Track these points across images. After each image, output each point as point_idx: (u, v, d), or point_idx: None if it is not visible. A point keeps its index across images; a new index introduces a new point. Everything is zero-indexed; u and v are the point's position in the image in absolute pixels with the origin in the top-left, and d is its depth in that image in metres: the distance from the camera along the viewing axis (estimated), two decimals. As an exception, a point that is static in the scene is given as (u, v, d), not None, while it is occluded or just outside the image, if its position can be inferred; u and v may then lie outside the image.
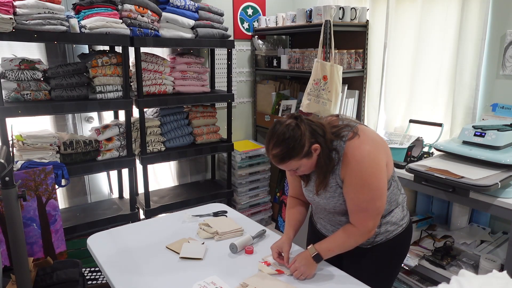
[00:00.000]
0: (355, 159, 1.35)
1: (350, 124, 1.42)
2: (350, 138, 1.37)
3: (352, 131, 1.38)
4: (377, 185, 1.37)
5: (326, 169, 1.39)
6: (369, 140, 1.38)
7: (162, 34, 2.60)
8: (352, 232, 1.43)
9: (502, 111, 2.24)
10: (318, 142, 1.36)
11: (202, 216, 1.99)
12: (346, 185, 1.39)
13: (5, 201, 1.55)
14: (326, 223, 1.60)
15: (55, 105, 2.26)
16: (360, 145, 1.36)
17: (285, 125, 1.35)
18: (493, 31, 2.25)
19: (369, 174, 1.35)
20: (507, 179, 1.80)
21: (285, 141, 1.33)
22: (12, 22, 1.99)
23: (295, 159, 1.35)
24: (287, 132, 1.34)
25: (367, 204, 1.38)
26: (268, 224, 3.57)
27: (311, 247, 1.47)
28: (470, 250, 2.18)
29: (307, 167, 1.40)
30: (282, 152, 1.34)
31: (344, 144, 1.37)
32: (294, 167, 1.39)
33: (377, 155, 1.38)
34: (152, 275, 1.48)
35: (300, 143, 1.34)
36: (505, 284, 0.94)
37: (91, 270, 2.45)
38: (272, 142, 1.36)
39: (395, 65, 2.74)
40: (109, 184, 3.05)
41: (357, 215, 1.41)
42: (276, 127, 1.37)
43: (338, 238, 1.46)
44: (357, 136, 1.37)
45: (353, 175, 1.36)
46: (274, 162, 1.39)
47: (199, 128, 2.99)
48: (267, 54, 3.42)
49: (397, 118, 2.79)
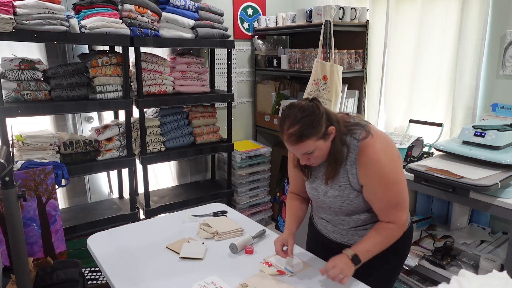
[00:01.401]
0: (373, 159, 1.34)
1: (361, 122, 1.42)
2: (364, 138, 1.36)
3: (364, 130, 1.38)
4: (400, 179, 1.38)
5: (338, 157, 1.37)
6: (381, 138, 1.38)
7: (162, 34, 2.60)
8: (390, 229, 1.40)
9: (502, 111, 2.24)
10: (333, 125, 1.35)
11: (202, 216, 1.99)
12: (370, 187, 1.38)
13: (5, 201, 1.55)
14: (327, 223, 1.58)
15: (55, 105, 2.26)
16: (375, 144, 1.35)
17: (301, 105, 1.32)
18: (493, 31, 2.25)
19: (391, 171, 1.35)
20: (507, 179, 1.80)
21: (304, 119, 1.29)
22: (12, 22, 1.99)
23: (312, 138, 1.31)
24: (306, 110, 1.30)
25: (397, 199, 1.38)
26: (268, 224, 3.57)
27: (347, 249, 1.39)
28: (470, 250, 2.18)
29: (322, 151, 1.36)
30: (301, 130, 1.29)
31: (358, 143, 1.36)
32: (310, 149, 1.33)
33: (391, 150, 1.39)
34: (152, 275, 1.48)
35: (319, 122, 1.31)
36: (505, 284, 0.94)
37: (91, 270, 2.45)
38: (289, 121, 1.31)
39: (395, 65, 2.74)
40: (109, 184, 3.05)
41: (391, 212, 1.39)
42: (292, 107, 1.33)
43: (375, 237, 1.41)
44: (370, 136, 1.36)
45: (376, 176, 1.35)
46: (290, 142, 1.33)
47: (199, 128, 2.99)
48: (267, 54, 3.42)
49: (397, 118, 2.80)
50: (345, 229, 1.52)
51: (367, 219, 1.48)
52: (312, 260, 1.59)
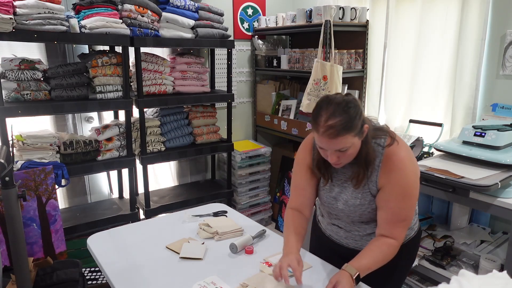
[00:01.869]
0: (398, 167, 1.28)
1: (384, 127, 1.36)
2: (389, 144, 1.31)
3: (389, 136, 1.32)
4: (416, 194, 1.33)
5: (370, 158, 1.30)
6: (406, 147, 1.33)
7: (162, 34, 2.60)
8: (391, 245, 1.32)
9: (502, 111, 2.24)
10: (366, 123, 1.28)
11: (202, 216, 1.99)
12: (387, 193, 1.31)
13: (5, 201, 1.55)
14: (339, 229, 1.51)
15: (55, 105, 2.26)
16: (401, 152, 1.30)
17: (342, 96, 1.24)
18: (493, 31, 2.25)
19: (412, 183, 1.30)
20: (507, 179, 1.80)
21: (348, 110, 1.20)
22: (12, 22, 1.99)
23: (352, 133, 1.21)
24: (350, 102, 1.21)
25: (406, 214, 1.33)
26: (268, 224, 3.57)
27: (349, 267, 1.28)
28: (470, 250, 2.18)
29: (355, 149, 1.27)
30: (343, 121, 1.19)
31: (383, 149, 1.31)
32: (347, 145, 1.23)
33: (416, 162, 1.34)
34: (152, 275, 1.48)
35: (360, 117, 1.23)
36: (505, 284, 0.94)
37: (91, 270, 2.45)
38: (330, 111, 1.20)
39: (395, 65, 2.74)
40: (109, 184, 3.05)
41: (395, 225, 1.32)
42: (331, 98, 1.24)
43: (376, 254, 1.32)
44: (396, 142, 1.31)
45: (397, 184, 1.29)
46: (327, 136, 1.21)
47: (199, 128, 2.99)
48: (267, 54, 3.42)
49: (397, 118, 2.79)
50: (360, 235, 1.47)
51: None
52: (312, 260, 1.59)
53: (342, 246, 1.54)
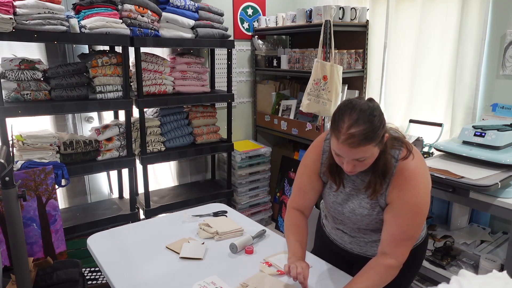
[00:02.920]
0: (411, 184, 1.21)
1: (400, 137, 1.28)
2: (404, 157, 1.23)
3: (405, 148, 1.25)
4: (426, 212, 1.26)
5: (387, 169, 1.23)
6: (421, 161, 1.26)
7: (162, 34, 2.60)
8: (390, 267, 1.25)
9: (502, 111, 2.24)
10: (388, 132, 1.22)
11: (202, 216, 1.99)
12: (396, 208, 1.25)
13: (5, 201, 1.55)
14: (344, 234, 1.48)
15: (55, 105, 2.26)
16: (416, 169, 1.22)
17: (366, 102, 1.16)
18: (493, 31, 2.25)
19: (423, 202, 1.24)
20: (507, 179, 1.80)
21: (373, 119, 1.12)
22: (12, 22, 1.99)
23: (373, 142, 1.14)
24: (374, 109, 1.13)
25: (414, 232, 1.26)
26: (268, 224, 3.57)
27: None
28: (470, 250, 2.18)
29: (373, 159, 1.20)
30: (367, 131, 1.11)
31: (396, 162, 1.23)
32: (366, 155, 1.16)
33: (428, 178, 1.26)
34: (152, 275, 1.48)
35: (384, 126, 1.15)
36: (505, 284, 0.94)
37: (91, 270, 2.45)
38: (353, 118, 1.12)
39: (395, 65, 2.74)
40: (109, 184, 3.05)
41: (400, 243, 1.25)
42: (355, 102, 1.15)
43: (374, 277, 1.25)
44: (411, 156, 1.23)
45: (407, 201, 1.22)
46: (347, 144, 1.13)
47: (199, 128, 2.99)
48: (267, 54, 3.42)
49: (397, 118, 2.79)
50: (365, 241, 1.44)
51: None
52: (312, 260, 1.59)
53: (346, 251, 1.52)
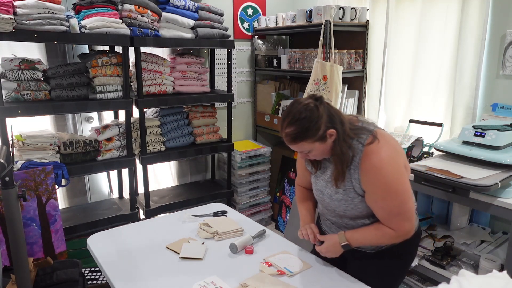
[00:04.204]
0: (376, 166, 1.31)
1: (369, 127, 1.39)
2: (369, 143, 1.33)
3: (371, 135, 1.35)
4: (403, 189, 1.34)
5: (343, 159, 1.34)
6: (388, 145, 1.35)
7: (162, 34, 2.60)
8: (388, 233, 1.38)
9: (502, 111, 2.24)
10: (335, 128, 1.32)
11: (202, 216, 1.99)
12: (371, 194, 1.35)
13: (5, 201, 1.55)
14: (331, 224, 1.57)
15: (55, 105, 2.26)
16: (379, 151, 1.32)
17: (303, 105, 1.32)
18: (493, 31, 2.25)
19: (393, 180, 1.32)
20: (507, 179, 1.80)
21: (300, 121, 1.30)
22: (12, 22, 1.99)
23: (307, 141, 1.32)
24: (304, 111, 1.30)
25: (399, 208, 1.34)
26: (268, 224, 3.57)
27: (342, 235, 1.44)
28: (470, 250, 2.18)
29: (319, 151, 1.36)
30: (296, 131, 1.31)
31: (363, 147, 1.33)
32: (306, 149, 1.36)
33: (397, 159, 1.35)
34: (152, 275, 1.48)
35: (316, 125, 1.30)
36: (505, 284, 0.94)
37: (91, 270, 2.45)
38: (287, 120, 1.33)
39: (395, 65, 2.74)
40: (109, 184, 3.05)
41: (392, 220, 1.36)
42: (294, 105, 1.34)
43: (371, 234, 1.41)
44: (376, 141, 1.33)
45: (377, 184, 1.32)
46: (286, 141, 1.36)
47: (199, 128, 2.99)
48: (267, 54, 3.42)
49: (397, 118, 2.79)
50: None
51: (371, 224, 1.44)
52: (312, 260, 1.59)
53: None
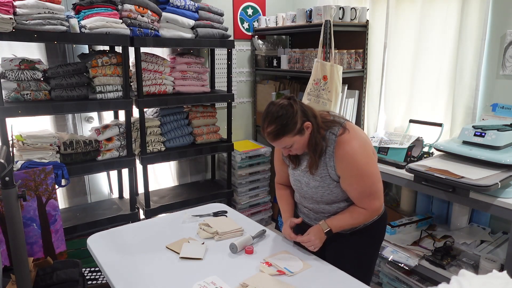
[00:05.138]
0: (349, 154, 1.48)
1: (339, 120, 1.56)
2: (341, 134, 1.51)
3: (342, 127, 1.52)
4: (373, 171, 1.54)
5: (317, 148, 1.51)
6: (357, 135, 1.53)
7: (162, 34, 2.60)
8: (361, 213, 1.57)
9: (502, 111, 2.24)
10: (309, 120, 1.49)
11: (202, 216, 1.99)
12: (346, 178, 1.52)
13: (5, 201, 1.55)
14: (309, 211, 1.72)
15: (55, 105, 2.26)
16: (351, 140, 1.50)
17: (279, 105, 1.47)
18: (493, 31, 2.25)
19: (364, 164, 1.50)
20: (507, 179, 1.80)
21: (279, 119, 1.45)
22: (12, 22, 1.99)
23: (288, 135, 1.47)
24: (281, 110, 1.46)
25: (370, 189, 1.53)
26: (268, 224, 3.57)
27: (323, 223, 1.59)
28: (470, 250, 2.18)
29: (300, 144, 1.51)
30: (276, 129, 1.45)
31: (336, 138, 1.50)
32: (288, 144, 1.50)
33: (366, 147, 1.54)
34: (152, 275, 1.48)
35: (293, 120, 1.46)
36: (505, 284, 0.94)
37: (91, 270, 2.45)
38: (267, 121, 1.47)
39: (395, 65, 2.74)
40: (109, 184, 3.05)
41: (364, 200, 1.55)
42: (270, 106, 1.49)
43: (347, 217, 1.59)
44: (347, 132, 1.51)
45: (350, 168, 1.50)
46: (269, 139, 1.50)
47: (199, 128, 2.99)
48: (267, 54, 3.42)
49: (397, 118, 2.79)
50: (325, 216, 1.65)
51: (345, 207, 1.61)
52: (312, 260, 1.59)
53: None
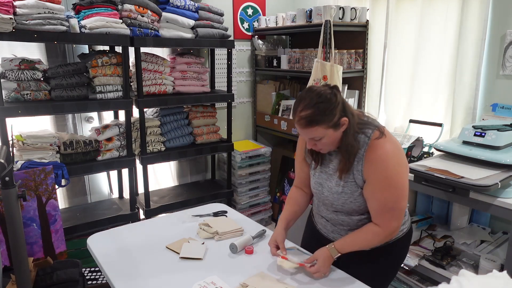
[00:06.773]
0: (382, 158, 1.34)
1: (374, 123, 1.42)
2: (376, 137, 1.36)
3: (378, 130, 1.38)
4: (402, 184, 1.37)
5: (351, 150, 1.36)
6: (394, 142, 1.39)
7: (162, 34, 2.60)
8: (376, 233, 1.41)
9: (502, 111, 2.24)
10: (347, 117, 1.35)
11: (202, 216, 1.99)
12: (371, 184, 1.38)
13: (5, 201, 1.55)
14: (326, 222, 1.59)
15: (55, 105, 2.26)
16: (385, 144, 1.35)
17: (320, 90, 1.32)
18: (493, 31, 2.25)
19: (395, 173, 1.35)
20: (507, 179, 1.80)
21: (318, 104, 1.30)
22: (12, 22, 1.99)
23: (322, 125, 1.31)
24: (322, 96, 1.31)
25: (393, 204, 1.37)
26: (268, 224, 3.57)
27: (332, 248, 1.43)
28: (470, 250, 2.18)
29: (330, 139, 1.36)
30: (313, 114, 1.30)
31: (369, 140, 1.36)
32: (319, 135, 1.34)
33: (401, 156, 1.39)
34: (152, 275, 1.48)
35: (333, 111, 1.31)
36: (505, 284, 0.94)
37: (91, 270, 2.45)
38: (304, 103, 1.32)
39: (395, 65, 2.74)
40: (109, 184, 3.05)
41: (383, 216, 1.39)
42: (311, 89, 1.34)
43: (360, 239, 1.43)
44: (384, 136, 1.37)
45: (379, 173, 1.35)
46: (300, 125, 1.34)
47: (199, 128, 2.99)
48: (267, 54, 3.42)
49: (397, 118, 2.79)
50: (344, 230, 1.53)
51: (366, 223, 1.46)
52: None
53: (329, 240, 1.57)
